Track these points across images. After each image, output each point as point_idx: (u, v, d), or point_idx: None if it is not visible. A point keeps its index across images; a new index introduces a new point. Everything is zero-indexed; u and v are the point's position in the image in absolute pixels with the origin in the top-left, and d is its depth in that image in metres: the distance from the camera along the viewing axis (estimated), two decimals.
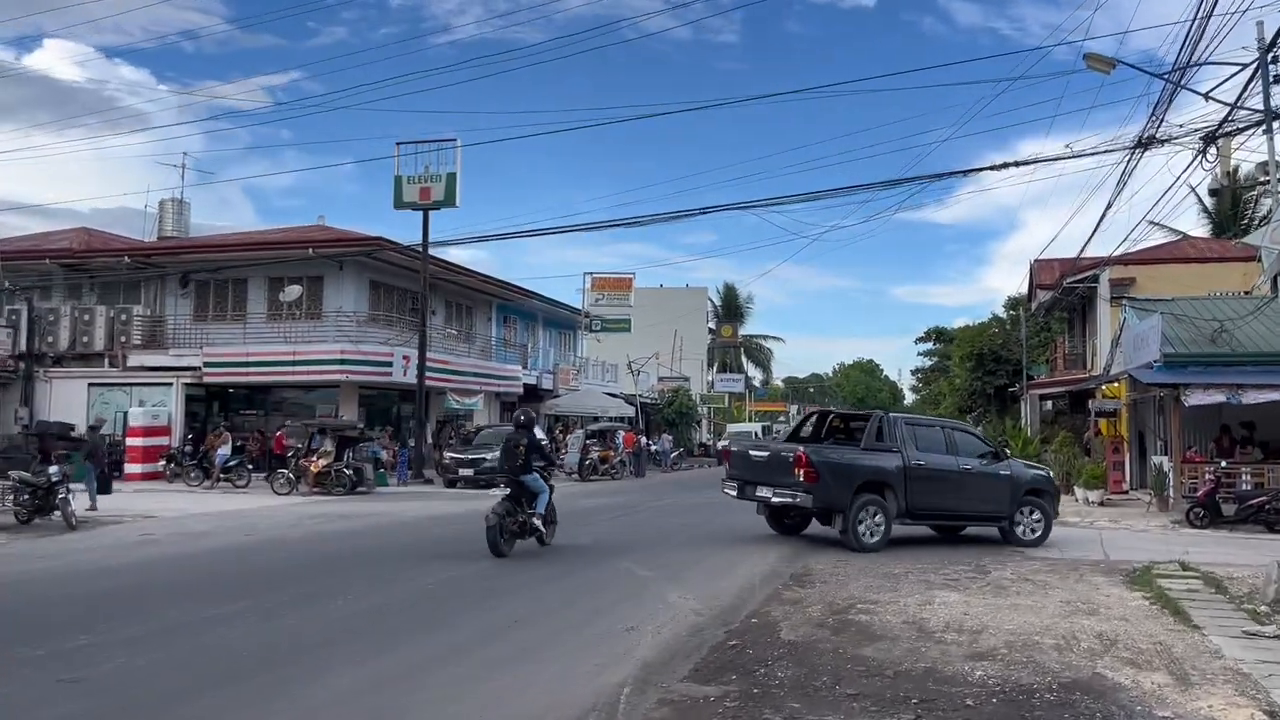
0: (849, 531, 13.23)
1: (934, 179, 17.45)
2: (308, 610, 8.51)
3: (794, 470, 13.09)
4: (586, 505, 20.81)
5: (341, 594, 9.16)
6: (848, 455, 13.69)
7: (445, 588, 9.81)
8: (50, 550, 13.38)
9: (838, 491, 13.17)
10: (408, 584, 9.96)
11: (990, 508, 14.31)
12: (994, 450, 14.84)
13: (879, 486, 13.46)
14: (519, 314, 41.97)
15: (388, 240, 29.24)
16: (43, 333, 30.62)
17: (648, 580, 10.38)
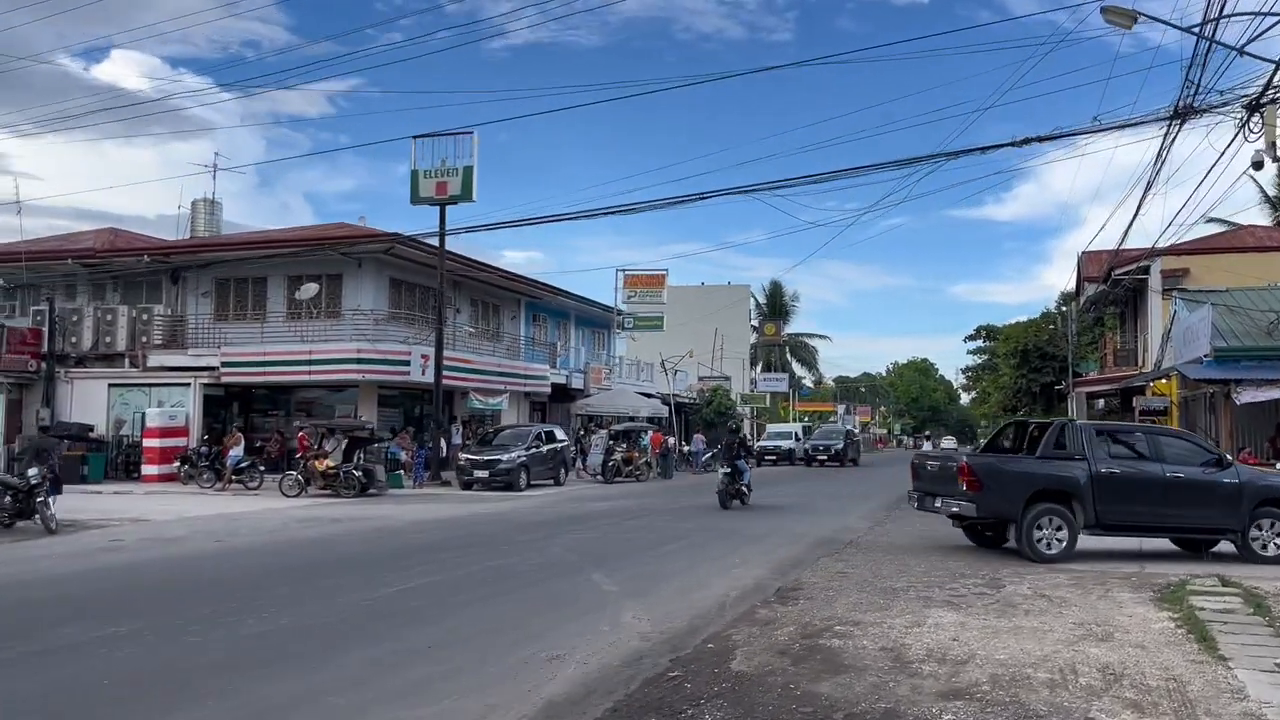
0: (1022, 541, 12.59)
1: (950, 156, 16.13)
2: (208, 631, 7.66)
3: (959, 480, 12.84)
4: (591, 509, 19.89)
5: (255, 613, 8.31)
6: (1019, 464, 13.21)
7: (371, 607, 8.89)
8: (5, 557, 12.78)
9: (1005, 501, 12.73)
10: (332, 601, 9.05)
11: (1210, 519, 13.06)
12: (1217, 457, 13.52)
13: (1059, 496, 12.72)
14: (549, 312, 41.20)
15: (403, 236, 28.60)
16: (66, 333, 30.50)
17: (608, 596, 9.40)
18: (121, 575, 10.99)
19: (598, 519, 17.60)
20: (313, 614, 8.39)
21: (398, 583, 10.00)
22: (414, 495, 23.99)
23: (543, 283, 38.26)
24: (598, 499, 22.96)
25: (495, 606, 8.79)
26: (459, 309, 34.33)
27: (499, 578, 10.44)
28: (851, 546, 14.17)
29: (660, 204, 18.25)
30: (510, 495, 23.96)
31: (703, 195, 17.75)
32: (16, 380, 29.93)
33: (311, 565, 11.59)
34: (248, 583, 10.24)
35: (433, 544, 13.50)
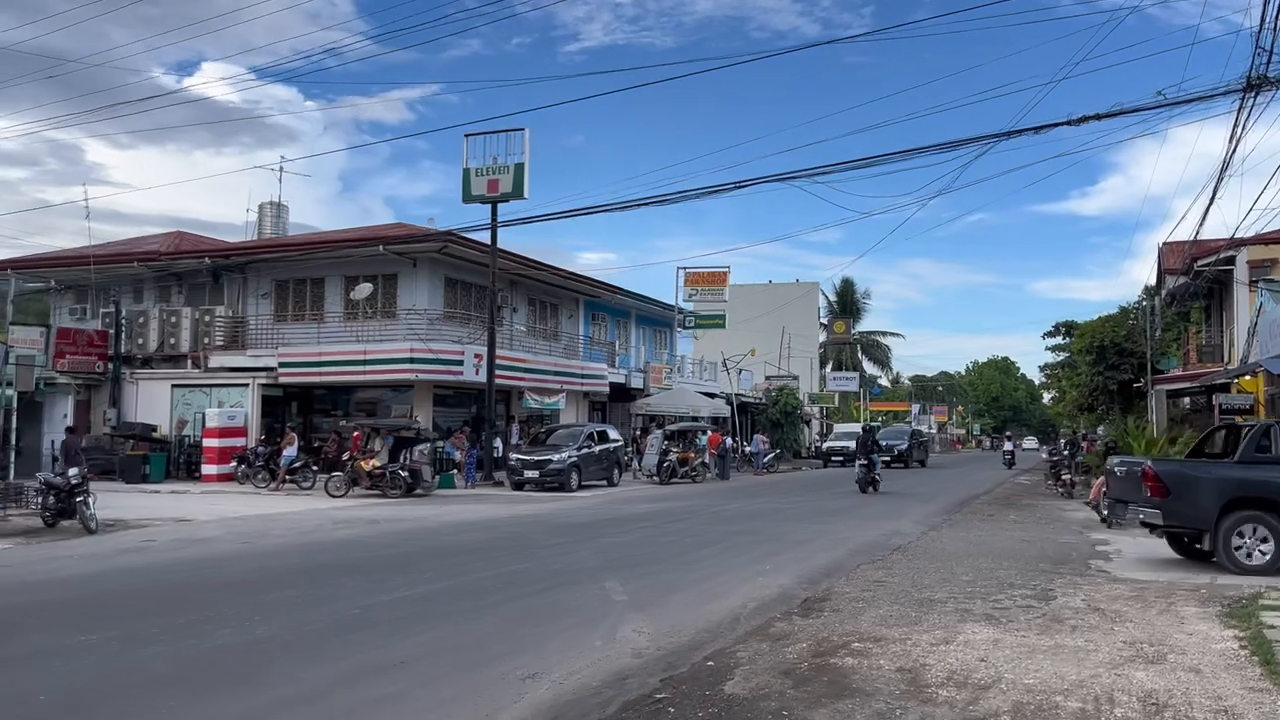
0: (1219, 551, 11.68)
1: (1001, 137, 15.07)
2: (178, 642, 7.28)
3: (1143, 485, 12.19)
4: (636, 511, 19.34)
5: (239, 620, 7.95)
6: (1212, 469, 12.33)
7: (360, 615, 8.43)
8: (33, 556, 12.75)
9: (1194, 507, 11.87)
10: (323, 609, 8.62)
11: None
12: None
13: (1262, 503, 11.71)
14: (609, 311, 40.79)
15: (456, 235, 28.42)
16: (133, 334, 31.04)
17: (615, 606, 8.83)
18: (129, 578, 10.79)
19: (638, 522, 17.06)
20: (297, 622, 8.01)
21: (401, 589, 9.59)
22: (463, 496, 23.74)
23: (601, 281, 37.86)
24: (646, 501, 22.42)
25: (489, 616, 8.29)
26: (516, 308, 34.12)
27: (507, 584, 9.96)
28: (898, 553, 13.39)
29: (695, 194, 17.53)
30: (559, 496, 23.56)
31: (740, 184, 17.10)
32: (85, 381, 30.58)
33: (322, 568, 11.25)
34: (249, 587, 9.93)
35: (457, 547, 13.11)
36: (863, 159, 15.64)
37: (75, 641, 7.20)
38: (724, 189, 17.31)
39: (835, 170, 16.12)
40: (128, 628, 7.70)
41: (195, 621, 7.96)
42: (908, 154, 15.66)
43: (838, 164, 15.94)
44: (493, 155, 27.90)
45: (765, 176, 16.76)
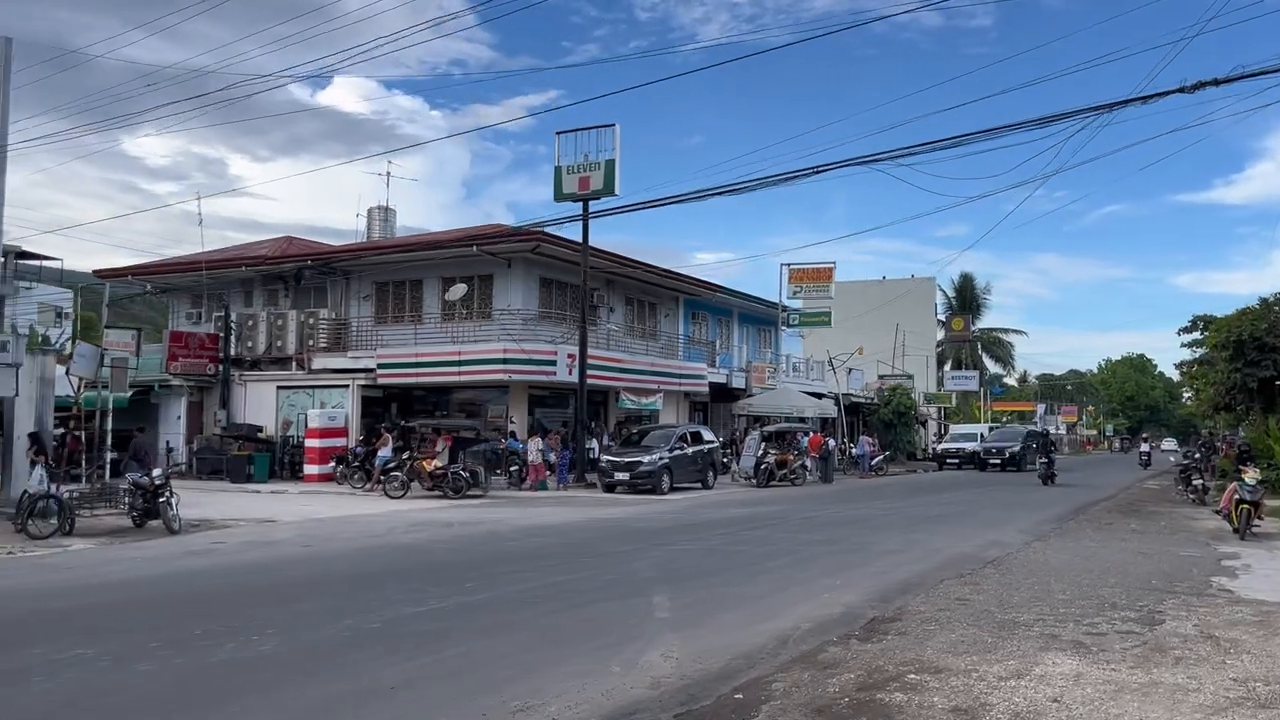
0: None
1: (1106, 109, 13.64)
2: (175, 657, 6.88)
3: None
4: (719, 516, 18.55)
5: (250, 633, 7.55)
6: None
7: (377, 629, 7.94)
8: (101, 558, 12.81)
9: None
10: (340, 622, 8.15)
11: None
12: None
13: None
14: (709, 309, 39.99)
15: (547, 234, 28.13)
16: (243, 337, 31.83)
17: (652, 625, 8.13)
18: (173, 584, 10.63)
19: (717, 528, 16.28)
20: (309, 636, 7.58)
21: (436, 600, 9.10)
22: (550, 498, 23.38)
23: (700, 280, 37.11)
24: (736, 505, 21.60)
25: (511, 634, 7.70)
26: (613, 308, 33.69)
27: (549, 597, 9.37)
28: (992, 566, 12.29)
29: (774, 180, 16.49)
30: (648, 499, 22.96)
31: (818, 169, 16.07)
32: (197, 383, 31.49)
33: (367, 576, 10.89)
34: (285, 594, 9.62)
35: (516, 554, 12.62)
36: (949, 138, 14.48)
37: (68, 655, 6.91)
38: (802, 174, 16.36)
39: (920, 151, 14.98)
40: (131, 640, 7.40)
41: (209, 633, 7.62)
42: (994, 132, 14.36)
43: (923, 144, 14.82)
44: (584, 152, 27.51)
45: (843, 160, 15.69)
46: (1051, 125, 14.07)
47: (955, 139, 14.42)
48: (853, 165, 15.66)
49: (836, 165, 15.64)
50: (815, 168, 15.98)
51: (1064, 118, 14.16)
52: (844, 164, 15.72)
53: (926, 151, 14.92)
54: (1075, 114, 14.15)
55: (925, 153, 15.01)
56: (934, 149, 14.99)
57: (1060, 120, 14.21)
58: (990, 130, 14.31)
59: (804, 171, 16.03)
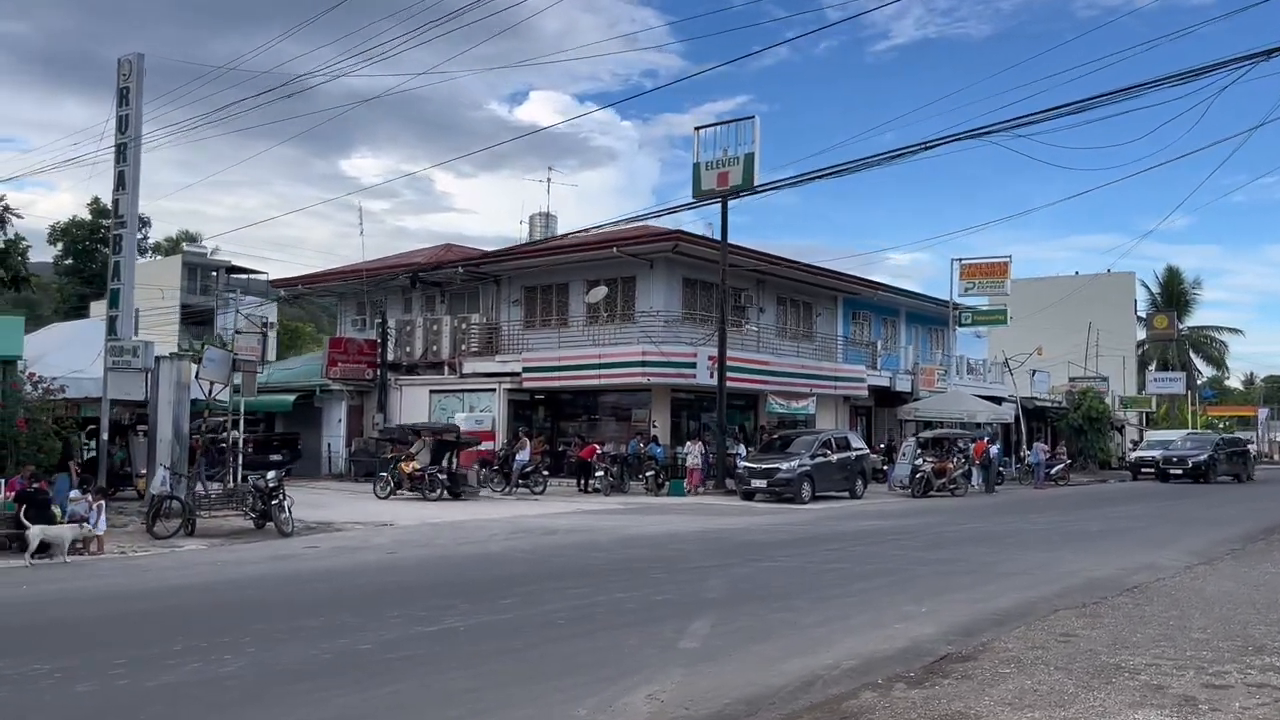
0: None
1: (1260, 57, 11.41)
2: (117, 678, 6.43)
3: None
4: (845, 529, 17.19)
5: (219, 653, 7.08)
6: None
7: (368, 652, 7.31)
8: (189, 560, 12.96)
9: None
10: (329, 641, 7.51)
11: None
12: None
13: None
14: (872, 309, 38.09)
15: (686, 233, 27.42)
16: (401, 343, 32.70)
17: (666, 657, 7.15)
18: (221, 591, 10.47)
19: (831, 542, 14.99)
20: (281, 658, 7.04)
21: (455, 618, 8.46)
22: (682, 505, 22.57)
23: (860, 277, 35.40)
24: (875, 517, 20.10)
25: (498, 664, 6.91)
26: (762, 308, 32.53)
27: (576, 619, 8.54)
28: (1129, 594, 10.58)
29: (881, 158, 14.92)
30: (785, 509, 21.78)
31: (927, 144, 14.38)
32: (356, 388, 32.56)
33: (412, 588, 10.41)
34: (310, 607, 9.23)
35: (592, 567, 11.88)
36: (1071, 103, 12.56)
37: (60, 665, 6.68)
38: (910, 151, 14.69)
39: (1039, 119, 13.05)
40: (96, 657, 7.09)
41: (190, 649, 7.24)
42: (1130, 91, 12.27)
43: (1042, 112, 12.92)
44: (723, 147, 26.60)
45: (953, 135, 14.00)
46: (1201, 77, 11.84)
47: (1084, 102, 12.51)
48: (962, 139, 14.03)
49: (945, 140, 14.06)
50: (925, 143, 14.41)
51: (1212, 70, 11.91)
52: (953, 138, 14.10)
53: (1046, 119, 13.05)
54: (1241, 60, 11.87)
55: (1043, 120, 13.14)
56: (1054, 115, 13.09)
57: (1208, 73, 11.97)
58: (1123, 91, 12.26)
59: (911, 148, 14.50)
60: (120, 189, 17.78)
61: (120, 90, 17.65)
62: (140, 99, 17.67)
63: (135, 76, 17.50)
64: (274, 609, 9.07)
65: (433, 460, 23.65)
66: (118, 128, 17.72)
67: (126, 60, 17.53)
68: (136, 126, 17.67)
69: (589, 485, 25.87)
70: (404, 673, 6.60)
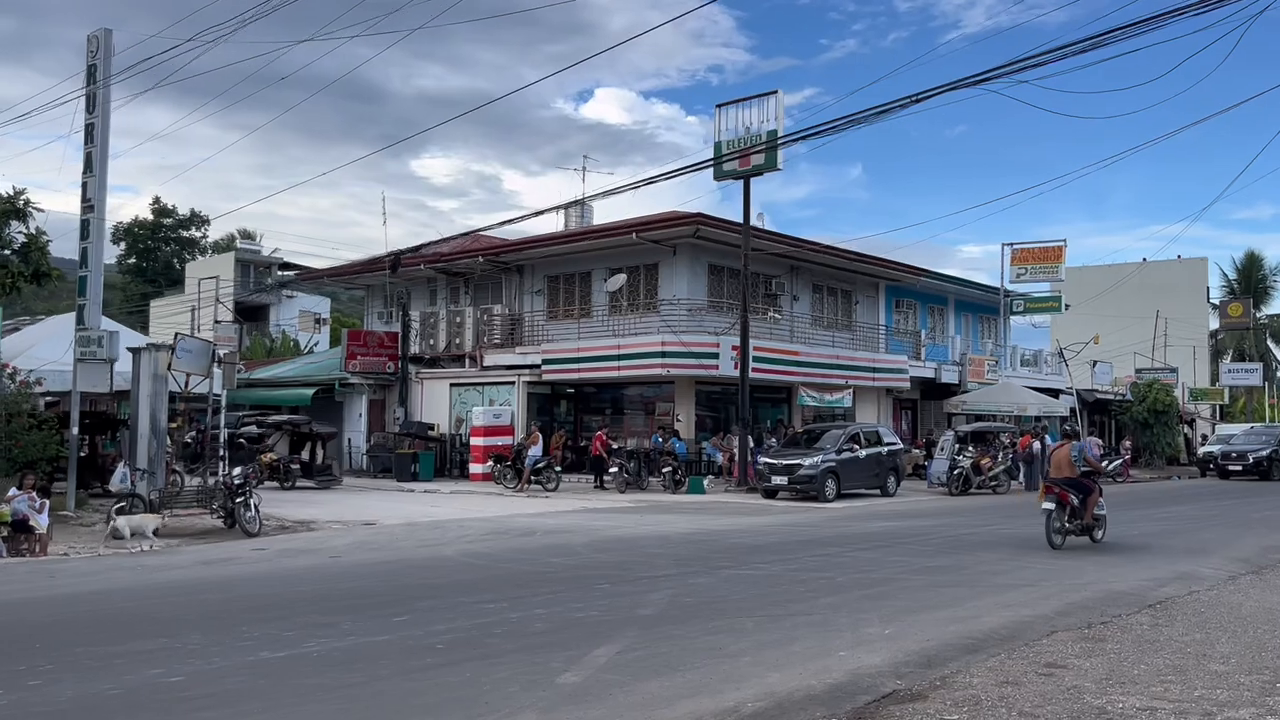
0: None
1: None
2: None
3: None
4: (854, 530, 15.68)
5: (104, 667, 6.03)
6: None
7: (168, 684, 6.25)
8: (125, 564, 12.04)
9: None
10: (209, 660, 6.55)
11: None
12: None
13: None
14: (917, 296, 36.20)
15: (707, 216, 26.00)
16: (425, 335, 31.82)
17: (526, 698, 5.89)
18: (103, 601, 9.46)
19: (828, 546, 13.53)
20: (60, 693, 5.94)
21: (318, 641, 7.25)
22: (694, 503, 21.20)
23: (903, 263, 33.53)
24: (896, 516, 18.53)
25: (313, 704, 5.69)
26: (797, 296, 30.98)
27: (461, 643, 7.26)
28: (1149, 611, 9.05)
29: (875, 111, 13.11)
30: (805, 507, 20.33)
31: (915, 97, 12.64)
32: (377, 381, 31.75)
33: (334, 598, 9.27)
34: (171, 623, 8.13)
35: (545, 574, 10.63)
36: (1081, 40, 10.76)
37: None
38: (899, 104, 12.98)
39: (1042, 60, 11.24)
40: None
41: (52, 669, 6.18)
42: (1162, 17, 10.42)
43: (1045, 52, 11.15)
44: (744, 125, 25.11)
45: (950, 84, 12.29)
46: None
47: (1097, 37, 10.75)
48: (962, 87, 12.33)
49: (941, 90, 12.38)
50: (913, 96, 12.75)
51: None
52: (950, 87, 12.40)
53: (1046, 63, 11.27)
54: None
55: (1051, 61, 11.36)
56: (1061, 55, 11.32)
57: None
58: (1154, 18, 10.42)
59: (900, 101, 12.86)
60: (88, 171, 16.98)
61: (88, 68, 16.84)
62: (109, 76, 16.85)
63: (103, 53, 16.67)
64: (128, 626, 7.97)
65: (291, 451, 25.89)
66: (86, 106, 16.91)
67: (94, 36, 16.71)
68: (105, 105, 16.85)
69: (604, 482, 24.68)
70: (184, 714, 5.43)
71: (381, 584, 10.14)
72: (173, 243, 79.47)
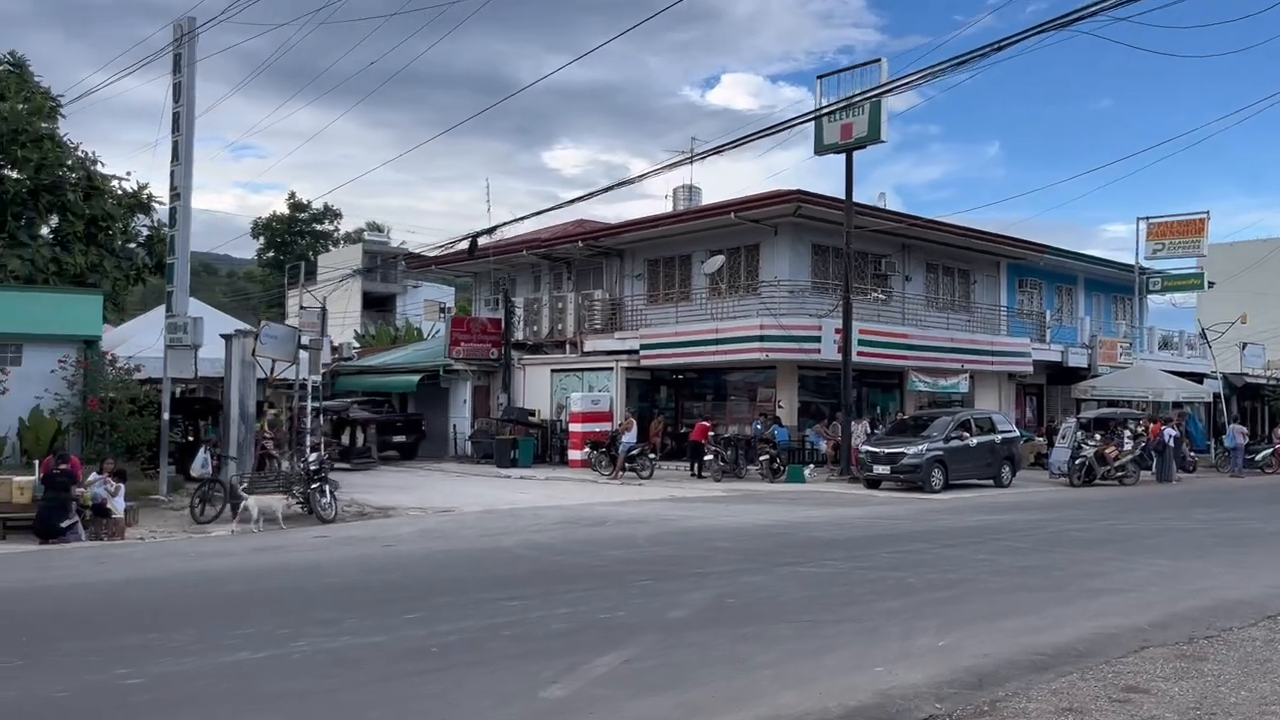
0: None
1: None
2: None
3: None
4: (949, 525, 14.52)
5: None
6: None
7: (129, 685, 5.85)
8: (182, 550, 12.01)
9: None
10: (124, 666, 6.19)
11: None
12: None
13: None
14: (1042, 275, 34.05)
15: (807, 193, 24.90)
16: (529, 321, 31.71)
17: (502, 714, 5.27)
18: (129, 590, 9.31)
19: (905, 543, 12.47)
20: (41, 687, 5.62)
21: (310, 641, 6.81)
22: (789, 493, 20.24)
23: (1025, 240, 31.58)
24: (1000, 510, 17.21)
25: (267, 714, 5.24)
26: (909, 276, 29.50)
27: (462, 645, 6.70)
28: (1270, 624, 7.86)
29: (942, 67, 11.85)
30: (908, 498, 19.20)
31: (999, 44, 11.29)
32: (481, 367, 31.79)
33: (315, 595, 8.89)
34: (178, 615, 7.87)
35: (571, 571, 9.99)
36: None
37: None
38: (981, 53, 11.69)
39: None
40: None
41: None
42: None
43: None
44: (846, 96, 23.87)
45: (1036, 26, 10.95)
46: None
47: None
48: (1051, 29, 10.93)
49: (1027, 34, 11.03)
50: (996, 44, 11.45)
51: None
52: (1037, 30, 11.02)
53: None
54: None
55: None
56: None
57: None
58: None
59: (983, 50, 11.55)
60: (175, 160, 17.19)
61: (174, 56, 17.03)
62: (193, 66, 17.02)
63: (188, 42, 16.86)
64: (128, 619, 7.69)
65: (334, 434, 26.48)
66: (173, 96, 17.12)
67: (179, 24, 16.89)
68: (190, 94, 17.02)
69: (701, 470, 23.97)
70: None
71: (414, 577, 9.72)
72: (307, 236, 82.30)
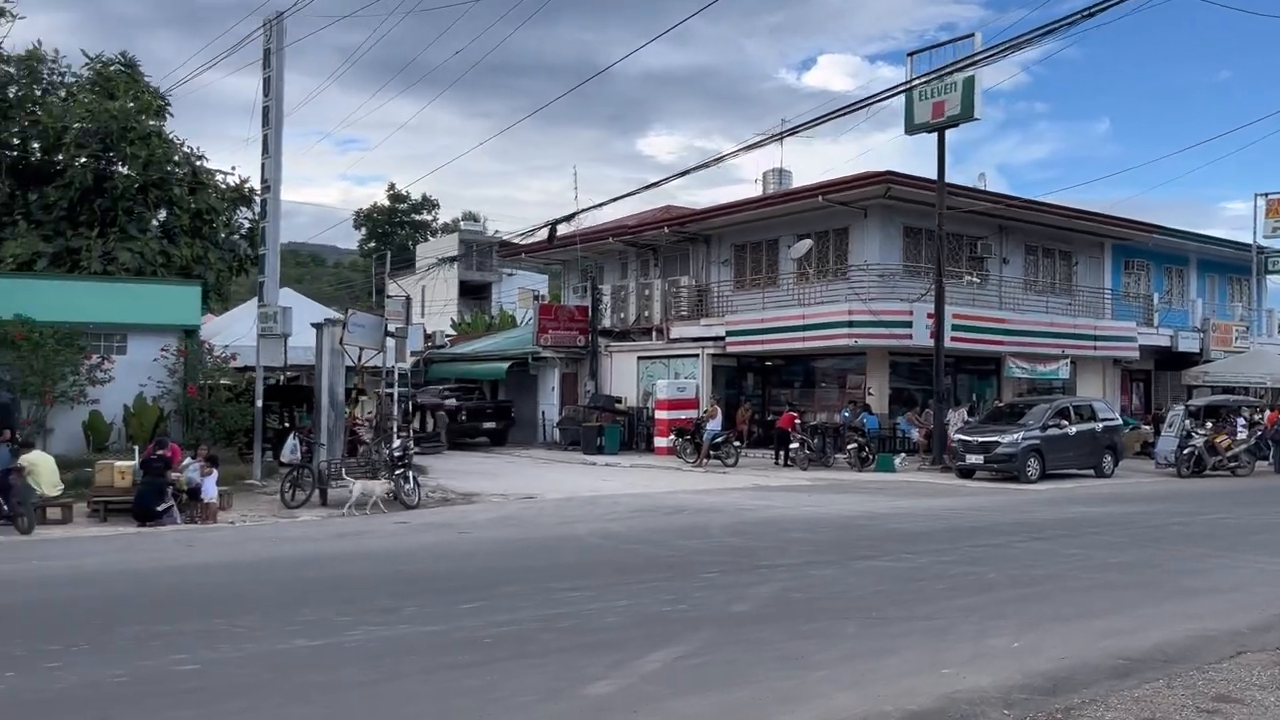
0: None
1: None
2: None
3: None
4: (1047, 517, 13.93)
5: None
6: None
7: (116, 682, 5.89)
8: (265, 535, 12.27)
9: None
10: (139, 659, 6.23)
11: None
12: None
13: None
14: (1150, 256, 32.51)
15: (897, 174, 24.20)
16: (615, 309, 31.71)
17: (541, 711, 5.15)
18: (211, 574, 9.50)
19: (992, 536, 11.93)
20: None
21: (363, 629, 6.80)
22: (877, 482, 19.78)
23: (1132, 220, 30.21)
24: (1098, 501, 16.47)
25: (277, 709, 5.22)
26: (1006, 258, 28.51)
27: (516, 637, 6.60)
28: None
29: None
30: (1002, 489, 18.57)
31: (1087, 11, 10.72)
32: (569, 355, 31.92)
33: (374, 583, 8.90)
34: (234, 600, 8.00)
35: (640, 561, 9.85)
36: None
37: None
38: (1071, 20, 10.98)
39: None
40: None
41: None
42: None
43: None
44: (934, 70, 23.09)
45: None
46: None
47: None
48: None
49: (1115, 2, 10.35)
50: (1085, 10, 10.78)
51: None
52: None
53: None
54: None
55: None
56: None
57: None
58: None
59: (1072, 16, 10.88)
60: (265, 154, 17.58)
61: (264, 52, 17.40)
62: (283, 61, 17.34)
63: (277, 37, 17.19)
64: (197, 604, 7.80)
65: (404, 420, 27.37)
66: (263, 90, 17.50)
67: (268, 20, 17.25)
68: (278, 88, 17.36)
69: (787, 458, 23.61)
70: (152, 710, 5.05)
71: (482, 565, 9.73)
72: (406, 226, 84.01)
